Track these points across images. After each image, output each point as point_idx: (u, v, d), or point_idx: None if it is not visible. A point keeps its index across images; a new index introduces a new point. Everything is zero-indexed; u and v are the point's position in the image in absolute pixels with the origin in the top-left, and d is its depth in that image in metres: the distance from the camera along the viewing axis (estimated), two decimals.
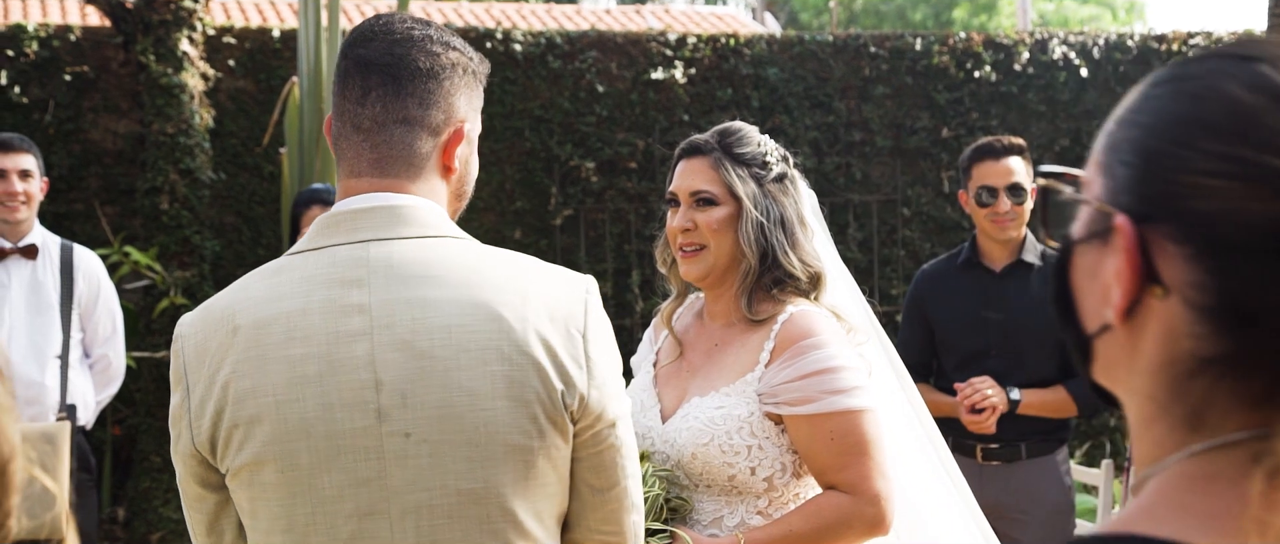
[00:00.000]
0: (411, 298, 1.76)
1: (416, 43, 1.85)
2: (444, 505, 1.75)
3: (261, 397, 1.75)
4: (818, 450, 2.45)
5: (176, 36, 7.25)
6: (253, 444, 1.76)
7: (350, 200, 1.83)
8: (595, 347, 1.80)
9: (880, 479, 2.46)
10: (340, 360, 1.74)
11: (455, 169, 1.88)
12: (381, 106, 1.83)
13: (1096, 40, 8.93)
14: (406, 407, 1.74)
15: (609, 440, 1.82)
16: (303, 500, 1.76)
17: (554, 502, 1.81)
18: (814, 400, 2.44)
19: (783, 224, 2.59)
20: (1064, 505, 4.43)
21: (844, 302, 2.70)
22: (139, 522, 7.12)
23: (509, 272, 1.80)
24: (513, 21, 12.78)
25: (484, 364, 1.74)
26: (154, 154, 7.18)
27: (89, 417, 5.04)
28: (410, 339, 1.74)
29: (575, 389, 1.77)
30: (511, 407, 1.74)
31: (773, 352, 2.50)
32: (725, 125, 2.65)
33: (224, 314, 1.80)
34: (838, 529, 2.43)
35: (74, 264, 5.00)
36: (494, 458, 1.75)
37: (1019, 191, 4.32)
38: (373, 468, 1.74)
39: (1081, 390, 4.34)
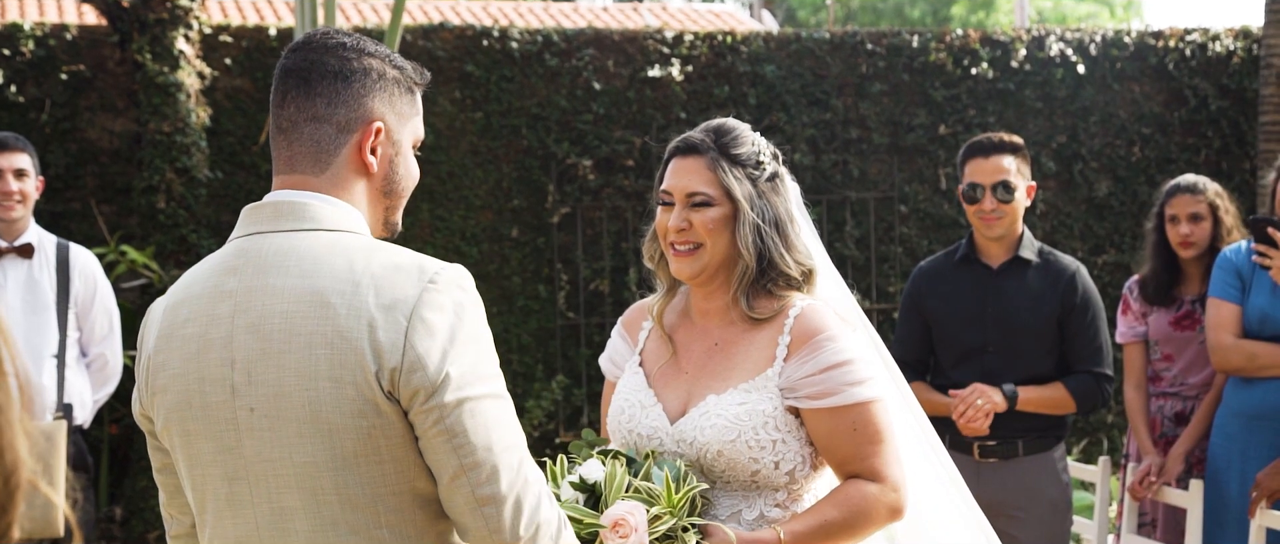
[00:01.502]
0: (265, 286, 1.95)
1: (330, 50, 2.03)
2: (285, 475, 1.93)
3: (167, 370, 2.01)
4: (841, 442, 2.51)
5: (173, 35, 7.25)
6: (164, 412, 2.02)
7: (265, 197, 2.05)
8: (419, 334, 1.88)
9: (897, 465, 2.54)
10: (211, 340, 1.97)
11: (374, 167, 2.03)
12: (295, 107, 2.02)
13: (1093, 37, 8.93)
14: (251, 384, 1.93)
15: (438, 426, 1.88)
16: (194, 464, 2.01)
17: (399, 481, 1.92)
18: (835, 393, 2.50)
19: (777, 224, 2.61)
20: (1061, 502, 4.44)
21: (834, 295, 2.72)
22: (136, 520, 7.12)
23: (353, 262, 1.93)
24: (510, 19, 12.77)
25: (310, 347, 1.90)
26: (150, 153, 7.17)
27: (86, 416, 5.03)
28: (258, 323, 1.94)
29: (386, 370, 1.87)
30: (333, 387, 1.89)
31: (789, 347, 2.55)
32: (719, 123, 2.65)
33: (163, 298, 2.09)
34: (867, 516, 2.50)
35: (70, 263, 5.00)
36: (320, 434, 1.90)
37: (1005, 189, 4.33)
38: (232, 438, 1.96)
39: (1079, 387, 4.34)
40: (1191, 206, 4.96)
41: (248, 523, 1.97)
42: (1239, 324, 4.58)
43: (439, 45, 8.17)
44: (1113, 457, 7.65)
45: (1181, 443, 4.92)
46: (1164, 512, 5.04)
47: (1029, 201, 4.43)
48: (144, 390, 2.06)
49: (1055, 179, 8.86)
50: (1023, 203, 4.38)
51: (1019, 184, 4.35)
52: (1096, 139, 8.88)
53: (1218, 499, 4.67)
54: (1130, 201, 8.88)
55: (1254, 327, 4.56)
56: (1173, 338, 5.00)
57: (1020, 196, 4.36)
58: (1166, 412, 5.04)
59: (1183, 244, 4.96)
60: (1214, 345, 4.61)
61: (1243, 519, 4.58)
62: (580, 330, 8.37)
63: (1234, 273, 4.63)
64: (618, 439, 2.66)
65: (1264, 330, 4.54)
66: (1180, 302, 5.00)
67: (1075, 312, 4.35)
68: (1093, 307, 4.38)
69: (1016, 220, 4.40)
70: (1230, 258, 4.68)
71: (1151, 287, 5.04)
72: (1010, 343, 4.37)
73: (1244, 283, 4.61)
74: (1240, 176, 8.93)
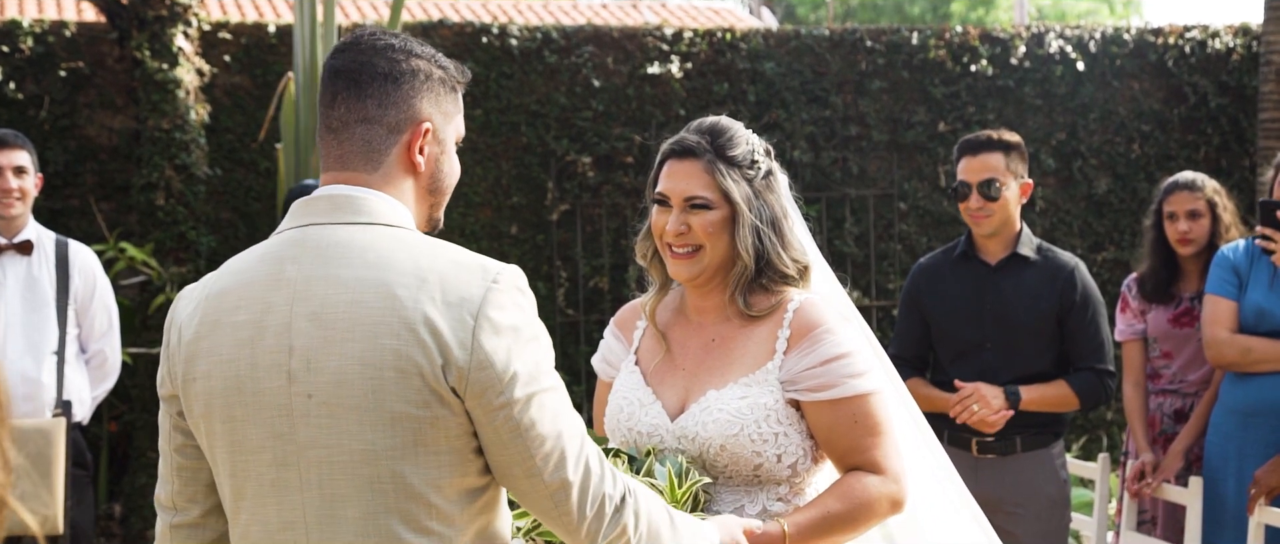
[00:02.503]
0: (326, 275, 1.98)
1: (379, 51, 2.07)
2: (340, 462, 1.96)
3: (212, 357, 2.02)
4: (841, 434, 2.52)
5: (172, 32, 7.24)
6: (204, 397, 2.02)
7: (316, 191, 2.08)
8: (486, 333, 1.94)
9: (898, 457, 2.55)
10: (266, 327, 1.99)
11: (422, 166, 2.08)
12: (346, 108, 2.06)
13: (1093, 34, 8.93)
14: (310, 371, 1.96)
15: (508, 422, 1.95)
16: (238, 450, 2.01)
17: (453, 473, 1.97)
18: (836, 385, 2.51)
19: (774, 223, 2.62)
20: (1059, 499, 4.44)
21: (827, 290, 2.73)
22: (135, 517, 7.12)
23: (417, 257, 1.98)
24: (509, 16, 12.77)
25: (375, 337, 1.93)
26: (149, 150, 7.17)
27: (85, 412, 5.03)
28: (319, 311, 1.96)
29: (454, 367, 1.92)
30: (397, 377, 1.93)
31: (789, 340, 2.56)
32: (712, 123, 2.64)
33: (202, 285, 2.09)
34: (870, 507, 2.51)
35: (69, 260, 4.99)
36: (381, 423, 1.93)
37: (992, 187, 4.33)
38: (285, 424, 1.98)
39: (1082, 384, 4.34)
40: (1190, 203, 4.96)
41: (294, 508, 1.99)
42: (1235, 320, 4.58)
43: (438, 42, 8.16)
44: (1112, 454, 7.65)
45: (1181, 440, 4.92)
46: (1164, 509, 5.04)
47: (1024, 199, 4.42)
48: (177, 375, 2.06)
49: (1055, 176, 8.86)
50: (1015, 200, 4.37)
51: (1009, 182, 4.34)
52: (1096, 136, 8.88)
53: (1214, 497, 4.67)
54: (1130, 198, 8.88)
55: (1250, 322, 4.56)
56: (1172, 335, 5.00)
57: (1010, 194, 4.35)
58: (1166, 409, 5.04)
59: (1181, 241, 4.96)
60: (1209, 340, 4.61)
61: (1240, 516, 4.58)
62: (579, 327, 8.37)
63: (1231, 270, 4.63)
64: (616, 438, 2.67)
65: (1260, 326, 4.54)
66: (1179, 299, 5.00)
67: (1075, 308, 4.35)
68: (1093, 303, 4.38)
69: (1008, 218, 4.39)
70: (1227, 255, 4.68)
71: (1150, 284, 5.03)
72: (1008, 340, 4.37)
73: (1241, 279, 4.61)
74: (1240, 173, 8.93)
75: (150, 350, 7.05)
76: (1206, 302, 4.66)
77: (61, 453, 4.73)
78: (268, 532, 2.01)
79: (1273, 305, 4.53)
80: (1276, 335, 4.52)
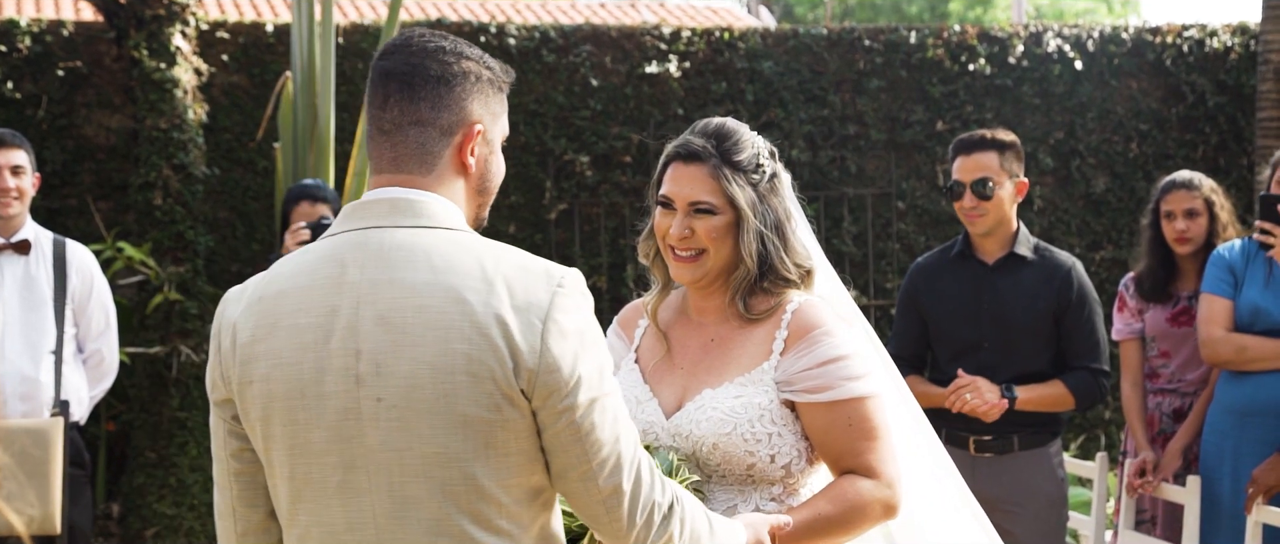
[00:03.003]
0: (392, 279, 1.99)
1: (430, 53, 2.09)
2: (411, 465, 1.97)
3: (271, 359, 2.02)
4: (836, 436, 2.52)
5: (169, 31, 7.24)
6: (263, 400, 2.02)
7: (368, 193, 2.09)
8: (554, 337, 1.97)
9: (893, 462, 2.54)
10: (331, 330, 2.00)
11: (472, 167, 2.10)
12: (399, 110, 2.08)
13: (1091, 33, 8.93)
14: (379, 375, 1.97)
15: (570, 425, 1.98)
16: (300, 453, 2.02)
17: (521, 473, 2.00)
18: (831, 387, 2.51)
19: (778, 228, 2.62)
20: (1057, 497, 4.44)
21: (830, 292, 2.73)
22: (134, 517, 7.11)
23: (483, 261, 2.00)
24: (507, 16, 12.77)
25: (447, 342, 1.95)
26: (147, 149, 7.17)
27: (82, 412, 5.03)
28: (387, 315, 1.98)
29: (524, 370, 1.95)
30: (469, 381, 1.95)
31: (787, 341, 2.56)
32: (718, 126, 2.63)
33: (253, 287, 2.09)
34: (862, 512, 2.50)
35: (67, 259, 4.99)
36: (453, 426, 1.96)
37: (984, 187, 4.34)
38: (353, 427, 1.99)
39: (1078, 384, 4.35)
40: (1187, 202, 4.96)
41: (364, 511, 2.00)
42: (1231, 319, 4.59)
43: None
44: (1110, 453, 7.66)
45: (1178, 439, 4.92)
46: (1163, 508, 5.04)
47: (1020, 198, 4.43)
48: (232, 378, 2.05)
49: (1053, 175, 8.86)
50: (1010, 199, 4.38)
51: (1003, 181, 4.35)
52: (1094, 135, 8.88)
53: (1209, 496, 4.67)
54: (1128, 198, 8.88)
55: (1246, 320, 4.56)
56: (1170, 334, 5.00)
57: (1004, 193, 4.35)
58: (1165, 408, 5.04)
59: (1179, 240, 4.96)
60: (1204, 339, 4.61)
61: (1235, 515, 4.58)
62: None
63: (1227, 269, 4.63)
64: None
65: (1256, 324, 4.54)
66: (1177, 298, 5.00)
67: (1072, 308, 4.36)
68: (1089, 302, 4.39)
69: (1003, 217, 4.39)
70: (1223, 255, 4.68)
71: (1148, 283, 5.03)
72: (1006, 339, 4.37)
73: (1237, 279, 4.61)
74: (1238, 172, 8.93)
75: (148, 350, 7.04)
76: (1202, 300, 4.66)
77: (59, 453, 4.73)
78: (331, 533, 2.02)
79: (1268, 304, 4.53)
80: (1272, 334, 4.52)
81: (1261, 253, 4.61)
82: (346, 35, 8.05)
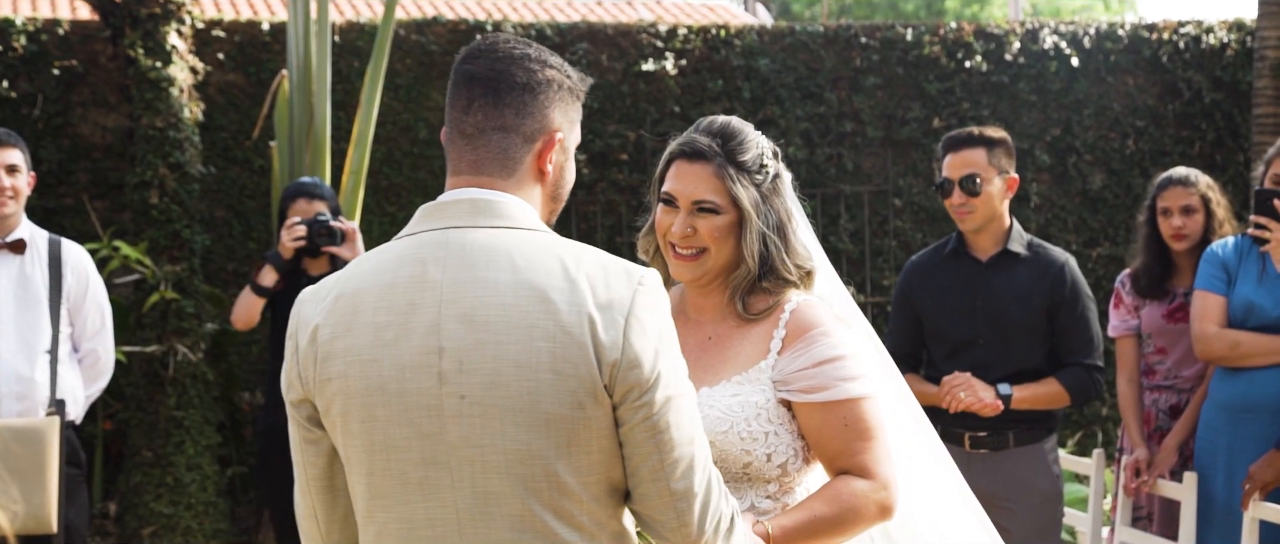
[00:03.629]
0: (475, 278, 2.02)
1: (516, 60, 2.12)
2: (494, 462, 1.99)
3: (350, 356, 2.04)
4: (831, 436, 2.51)
5: (165, 30, 7.23)
6: (342, 397, 2.04)
7: (447, 193, 2.12)
8: (636, 333, 2.00)
9: (888, 463, 2.53)
10: (412, 328, 2.02)
11: (549, 173, 2.15)
12: (483, 115, 2.11)
13: (1087, 30, 8.93)
14: (462, 372, 1.99)
15: (647, 421, 2.00)
16: (379, 449, 2.03)
17: (601, 470, 2.02)
18: (827, 387, 2.51)
19: (779, 229, 2.62)
20: (1052, 493, 4.44)
21: (829, 292, 2.73)
22: (130, 516, 7.11)
23: (564, 260, 2.03)
24: (504, 13, 12.76)
25: (531, 340, 1.98)
26: (143, 148, 7.16)
27: (78, 411, 5.02)
28: (471, 313, 2.00)
29: (606, 366, 1.98)
30: (553, 379, 1.98)
31: (784, 340, 2.56)
32: (723, 125, 2.63)
33: (330, 285, 2.11)
34: (856, 513, 2.49)
35: (62, 259, 4.98)
36: (536, 424, 1.98)
37: (972, 183, 4.35)
38: (434, 424, 2.01)
39: (1072, 381, 4.35)
40: (1183, 199, 4.97)
41: (445, 506, 2.02)
42: (1224, 315, 4.59)
43: (432, 40, 8.16)
44: (1107, 450, 7.66)
45: (1174, 435, 4.92)
46: (1160, 505, 5.05)
47: (1010, 194, 4.44)
48: (309, 377, 2.08)
49: (1049, 172, 8.86)
50: (1000, 196, 4.38)
51: (992, 177, 4.35)
52: (1090, 132, 8.88)
53: (1204, 493, 4.67)
54: (1124, 194, 8.88)
55: (1239, 317, 4.57)
56: (1166, 331, 5.00)
57: (993, 190, 4.36)
58: (1161, 405, 5.04)
59: (1175, 237, 4.96)
60: (1198, 335, 4.62)
61: (1229, 513, 4.58)
62: None
63: (1220, 266, 4.64)
64: None
65: (1249, 321, 4.55)
66: (1173, 294, 5.00)
67: (1065, 304, 4.37)
68: (1083, 298, 4.40)
69: (994, 213, 4.40)
70: (1216, 252, 4.68)
71: (1144, 280, 5.04)
72: (1000, 336, 4.38)
73: (1230, 275, 4.62)
74: (1234, 169, 8.93)
75: (144, 349, 7.04)
76: (1195, 297, 4.66)
77: (55, 452, 4.72)
78: (411, 529, 2.04)
79: (1262, 300, 4.53)
80: (1265, 330, 4.53)
81: (1254, 249, 4.61)
82: (342, 33, 8.05)
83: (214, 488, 7.20)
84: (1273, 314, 4.52)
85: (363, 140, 7.15)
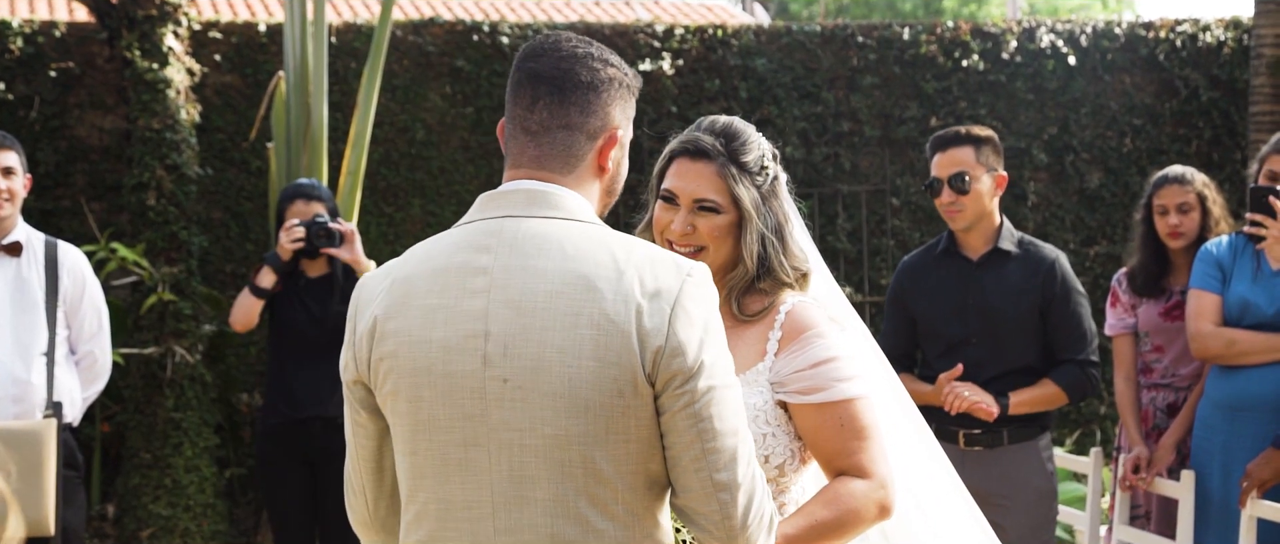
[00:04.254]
0: (525, 266, 2.06)
1: (580, 59, 2.17)
2: (532, 445, 2.02)
3: (400, 337, 2.09)
4: (827, 437, 2.51)
5: (162, 31, 7.23)
6: (392, 376, 2.09)
7: (505, 184, 2.17)
8: (682, 322, 2.02)
9: (884, 462, 2.53)
10: (461, 312, 2.06)
11: (608, 169, 2.21)
12: (547, 114, 2.15)
13: (1084, 28, 8.93)
14: (507, 356, 2.03)
15: (688, 409, 2.01)
16: (423, 429, 2.08)
17: (639, 460, 2.04)
18: (823, 388, 2.51)
19: (777, 230, 2.63)
20: (1047, 491, 4.45)
21: (824, 293, 2.73)
22: (129, 518, 7.11)
23: (614, 251, 2.07)
24: (501, 14, 12.76)
25: (575, 328, 2.01)
26: (140, 150, 7.16)
27: (75, 414, 5.02)
28: (518, 300, 2.04)
29: (649, 352, 2.00)
30: (596, 367, 2.00)
31: (780, 342, 2.56)
32: (725, 125, 2.64)
33: (388, 270, 2.17)
34: (857, 514, 2.49)
35: (58, 261, 4.98)
36: (576, 409, 2.00)
37: (961, 181, 4.36)
38: (477, 406, 2.04)
39: (1068, 379, 4.37)
40: (1180, 197, 4.97)
41: (482, 488, 2.05)
42: (1219, 313, 4.59)
43: (429, 41, 8.16)
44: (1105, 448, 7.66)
45: (1171, 433, 4.92)
46: (1158, 503, 5.05)
47: (1000, 192, 4.45)
48: (362, 357, 2.13)
49: (1046, 171, 8.86)
50: (988, 194, 4.40)
51: (980, 175, 4.37)
52: (1087, 130, 8.88)
53: (1201, 491, 4.67)
54: (1122, 193, 8.88)
55: (1234, 315, 4.57)
56: (1163, 329, 5.00)
57: (981, 188, 4.38)
58: (1159, 403, 5.04)
59: (1171, 235, 4.96)
60: (1193, 333, 4.62)
61: (1226, 511, 4.58)
62: None
63: (1214, 264, 4.64)
64: None
65: (1245, 319, 4.55)
66: (1170, 292, 5.00)
67: (1057, 301, 4.38)
68: (1074, 294, 4.41)
69: (983, 211, 4.42)
70: (1211, 250, 4.68)
71: (1140, 278, 5.04)
72: (993, 334, 4.39)
73: (1225, 273, 4.62)
74: (1231, 167, 8.93)
75: (143, 351, 7.03)
76: (1190, 296, 4.67)
77: (52, 454, 4.72)
78: (448, 510, 2.07)
79: (1257, 298, 4.54)
80: (1261, 328, 4.53)
81: (1249, 247, 4.62)
82: (339, 34, 8.04)
83: (212, 490, 7.20)
84: (1268, 312, 4.52)
85: (360, 141, 7.15)
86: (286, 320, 5.48)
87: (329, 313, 5.42)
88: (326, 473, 5.45)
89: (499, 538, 2.05)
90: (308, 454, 5.44)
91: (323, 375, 5.36)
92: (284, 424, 5.45)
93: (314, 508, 5.50)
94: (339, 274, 5.49)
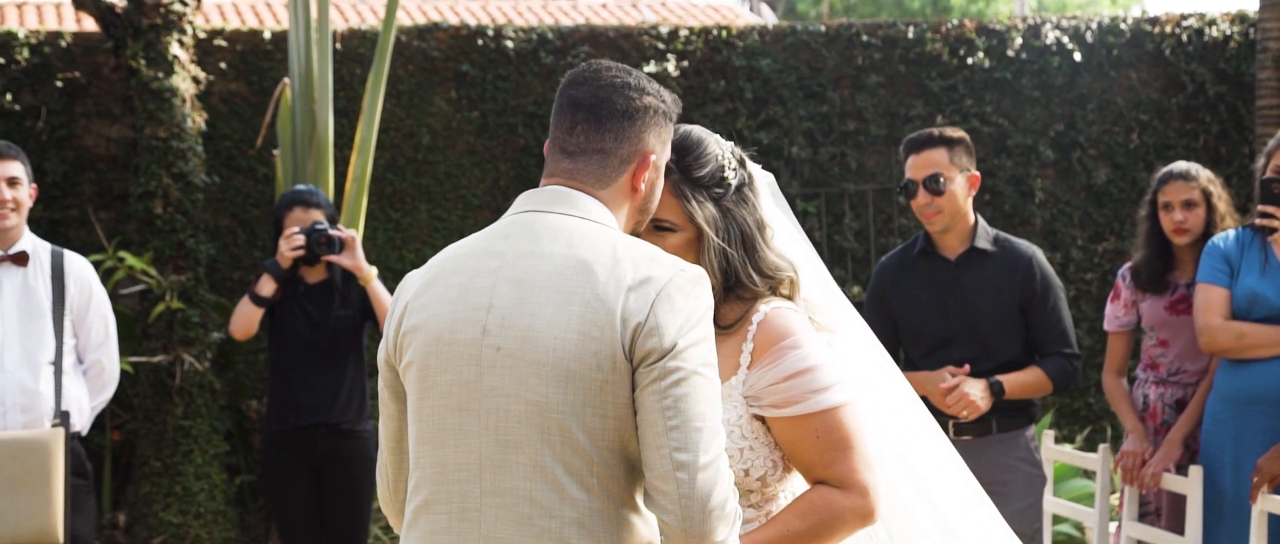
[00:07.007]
0: (535, 251, 2.23)
1: (617, 89, 2.32)
2: (516, 411, 2.16)
3: (421, 311, 2.27)
4: (805, 449, 2.47)
5: (167, 40, 7.24)
6: (411, 349, 2.26)
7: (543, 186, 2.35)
8: (664, 306, 2.15)
9: (866, 471, 2.47)
10: (472, 287, 2.24)
11: (641, 190, 2.35)
12: (584, 138, 2.31)
13: (1089, 24, 8.91)
14: (503, 327, 2.19)
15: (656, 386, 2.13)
16: (428, 395, 2.24)
17: (615, 436, 2.16)
18: (798, 401, 2.45)
19: (743, 241, 2.56)
20: (1036, 478, 4.57)
21: (819, 294, 2.68)
22: (139, 526, 7.12)
23: (616, 245, 2.22)
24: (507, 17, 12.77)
25: (567, 303, 2.16)
26: (147, 158, 7.17)
27: (84, 423, 5.03)
28: (522, 278, 2.21)
29: (630, 331, 2.14)
30: (579, 340, 2.14)
31: (753, 354, 2.50)
32: (681, 140, 2.55)
33: (429, 262, 2.35)
34: (832, 524, 2.45)
35: (65, 270, 4.99)
36: (558, 378, 2.14)
37: (936, 182, 4.40)
38: (472, 372, 2.19)
39: (1055, 369, 4.48)
40: (1184, 193, 4.95)
41: (471, 451, 2.19)
42: (1228, 307, 4.58)
43: (434, 45, 8.16)
44: (1114, 445, 7.64)
45: (1179, 428, 4.90)
46: (1167, 499, 5.03)
47: (973, 192, 4.49)
48: (391, 336, 2.31)
49: (1053, 167, 8.84)
50: (963, 194, 4.46)
51: (954, 176, 4.43)
52: (1094, 126, 8.86)
53: (1211, 487, 4.66)
54: (1129, 188, 8.86)
55: (1243, 308, 4.56)
56: (1168, 323, 4.99)
57: (956, 188, 4.43)
58: (1166, 399, 5.03)
59: (1176, 231, 4.95)
60: (1202, 327, 4.61)
61: (1238, 506, 4.57)
62: None
63: (1222, 258, 4.63)
64: None
65: (1253, 312, 4.54)
66: (1174, 286, 4.99)
67: (1036, 297, 4.48)
68: (1053, 290, 4.51)
69: (958, 211, 4.48)
70: (1218, 245, 4.67)
71: (1145, 274, 5.03)
72: (975, 333, 4.47)
73: (1232, 268, 4.61)
74: (1239, 161, 8.91)
75: (151, 359, 7.05)
76: (1198, 290, 4.66)
77: (60, 463, 4.73)
78: (442, 472, 2.21)
79: (1265, 291, 4.53)
80: (1270, 321, 4.52)
81: (1257, 240, 4.61)
82: (344, 41, 8.06)
83: (222, 496, 7.21)
84: (1277, 304, 4.51)
85: (365, 147, 7.16)
86: (287, 327, 5.48)
87: (329, 318, 5.43)
88: (331, 478, 5.46)
89: (485, 499, 2.18)
90: (312, 460, 5.45)
91: (325, 381, 5.37)
92: (288, 431, 5.46)
93: (320, 513, 5.50)
94: (338, 279, 5.49)
